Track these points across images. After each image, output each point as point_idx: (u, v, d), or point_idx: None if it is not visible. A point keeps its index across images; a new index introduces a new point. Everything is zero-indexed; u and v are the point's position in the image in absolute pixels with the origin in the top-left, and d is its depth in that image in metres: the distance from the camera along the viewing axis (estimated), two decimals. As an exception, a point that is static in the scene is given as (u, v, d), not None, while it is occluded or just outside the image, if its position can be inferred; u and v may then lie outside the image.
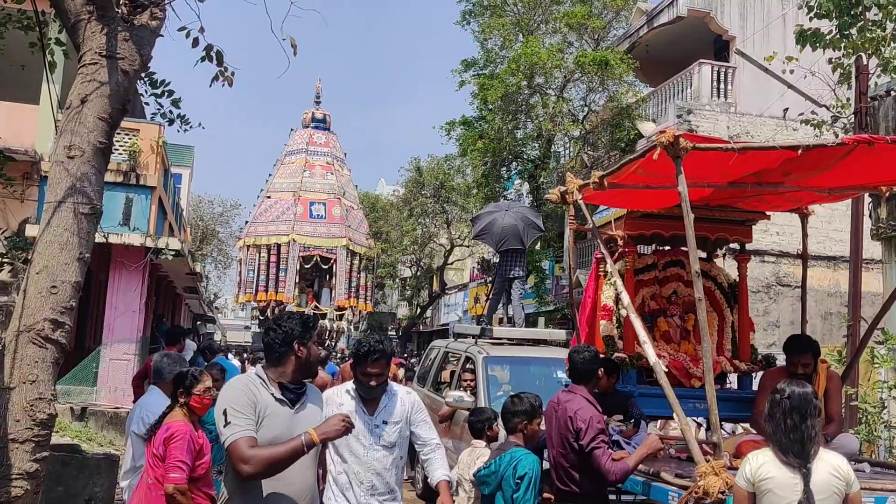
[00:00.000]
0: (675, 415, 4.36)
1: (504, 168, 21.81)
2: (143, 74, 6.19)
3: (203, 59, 5.13)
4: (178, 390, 4.48)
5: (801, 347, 5.14)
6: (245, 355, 18.94)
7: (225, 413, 3.29)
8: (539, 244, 21.33)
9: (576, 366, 4.74)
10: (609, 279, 5.48)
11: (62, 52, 5.95)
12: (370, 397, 3.95)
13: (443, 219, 31.88)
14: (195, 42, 4.96)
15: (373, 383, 3.91)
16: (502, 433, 5.28)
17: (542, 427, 4.81)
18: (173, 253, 14.83)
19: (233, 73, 5.27)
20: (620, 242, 5.76)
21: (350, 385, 4.07)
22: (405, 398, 4.09)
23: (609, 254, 5.88)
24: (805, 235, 5.82)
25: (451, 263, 34.77)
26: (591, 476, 4.40)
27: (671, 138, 3.86)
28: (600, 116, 19.73)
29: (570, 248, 5.46)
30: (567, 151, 22.65)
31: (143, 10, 4.14)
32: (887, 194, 5.10)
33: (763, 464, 3.25)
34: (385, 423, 3.95)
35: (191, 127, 6.85)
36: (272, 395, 3.39)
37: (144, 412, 4.78)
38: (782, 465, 3.20)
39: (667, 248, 6.16)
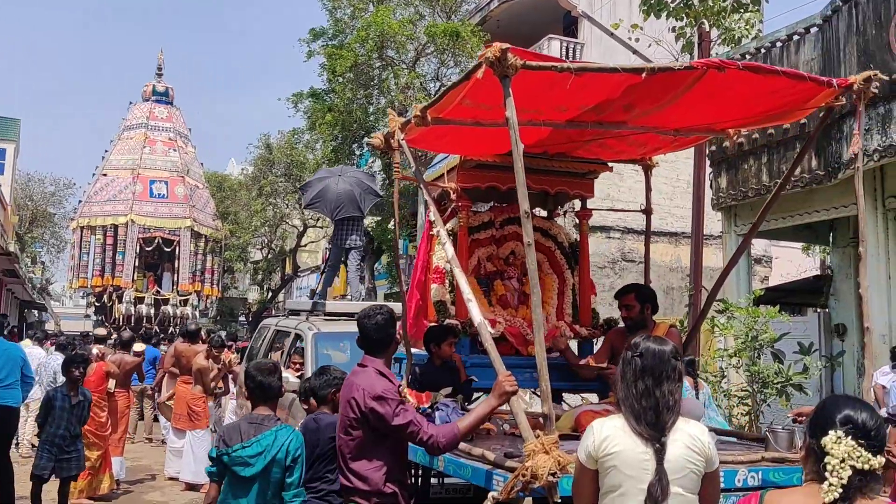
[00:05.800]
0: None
1: (356, 145, 20.99)
2: None
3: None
4: None
5: (624, 289, 4.93)
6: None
7: None
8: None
9: (367, 333, 3.83)
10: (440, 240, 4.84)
11: None
12: None
13: (295, 198, 30.56)
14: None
15: None
16: None
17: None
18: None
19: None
20: (453, 196, 5.14)
21: None
22: None
23: (442, 210, 5.28)
24: (648, 189, 5.42)
25: (305, 245, 33.59)
26: (374, 468, 3.54)
27: (497, 52, 3.24)
28: (453, 91, 19.26)
29: (395, 200, 4.78)
30: (420, 127, 22.08)
31: None
32: (735, 138, 4.73)
33: (609, 435, 2.63)
34: None
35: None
36: None
37: None
38: (634, 435, 2.60)
39: (504, 204, 5.61)
